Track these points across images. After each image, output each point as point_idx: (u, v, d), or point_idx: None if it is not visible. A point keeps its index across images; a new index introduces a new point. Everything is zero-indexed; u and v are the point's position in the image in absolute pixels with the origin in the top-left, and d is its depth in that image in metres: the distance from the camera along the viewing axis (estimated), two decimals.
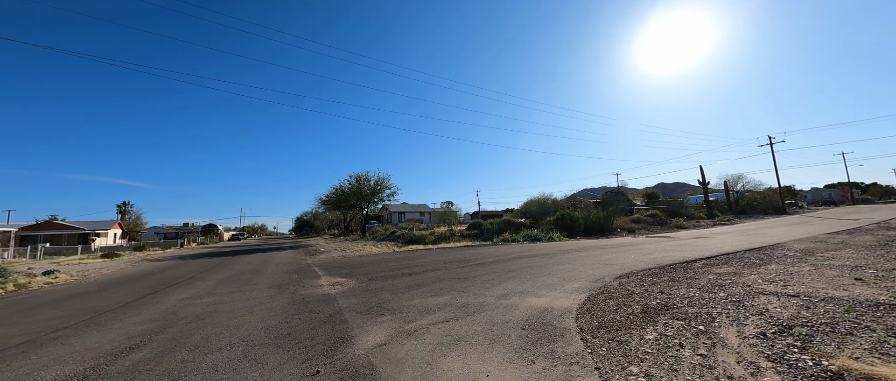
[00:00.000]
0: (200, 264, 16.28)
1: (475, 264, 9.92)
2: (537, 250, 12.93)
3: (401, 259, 12.73)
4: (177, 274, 12.56)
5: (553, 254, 11.32)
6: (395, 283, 7.41)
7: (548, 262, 9.30)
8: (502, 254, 12.35)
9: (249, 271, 11.94)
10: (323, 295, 6.59)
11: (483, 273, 7.91)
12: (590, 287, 5.52)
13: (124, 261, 19.56)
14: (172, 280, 10.86)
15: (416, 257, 13.37)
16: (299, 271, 11.04)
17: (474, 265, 9.54)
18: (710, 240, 13.05)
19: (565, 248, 13.44)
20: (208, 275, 11.67)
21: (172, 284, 10.05)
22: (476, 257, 11.64)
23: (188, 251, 27.88)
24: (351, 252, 18.03)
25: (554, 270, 7.77)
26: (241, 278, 10.42)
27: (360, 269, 10.64)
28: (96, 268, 16.43)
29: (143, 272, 13.95)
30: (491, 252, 13.37)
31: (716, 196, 40.03)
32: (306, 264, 13.54)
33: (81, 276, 13.63)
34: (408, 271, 9.14)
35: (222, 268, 13.71)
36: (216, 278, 10.54)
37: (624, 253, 10.28)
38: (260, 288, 8.07)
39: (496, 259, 10.74)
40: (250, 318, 5.04)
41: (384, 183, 30.37)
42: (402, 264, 11.20)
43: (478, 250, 15.18)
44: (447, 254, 13.75)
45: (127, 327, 5.07)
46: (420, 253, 14.99)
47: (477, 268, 8.91)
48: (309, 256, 17.38)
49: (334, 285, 7.73)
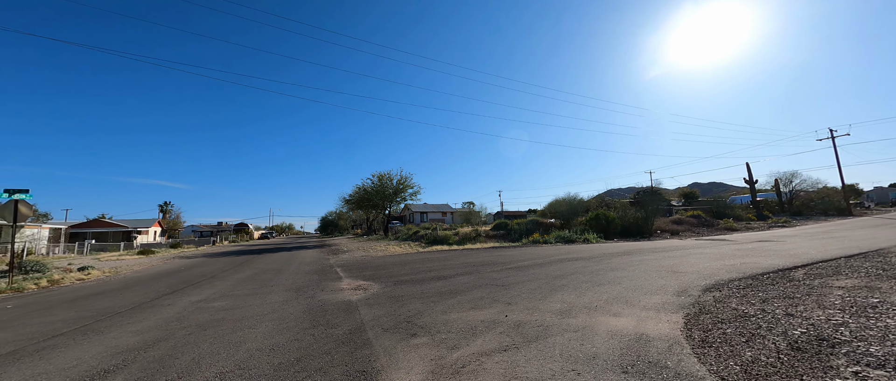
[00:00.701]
0: (226, 262, 16.08)
1: (511, 267, 8.74)
2: (576, 253, 11.55)
3: (426, 261, 11.75)
4: (201, 272, 12.22)
5: (598, 258, 9.94)
6: (425, 289, 6.39)
7: (597, 267, 7.98)
8: (538, 257, 11.07)
9: (271, 271, 11.37)
10: (343, 302, 5.68)
11: (525, 279, 6.74)
12: (678, 304, 4.24)
13: (158, 258, 19.85)
14: (194, 279, 10.44)
15: (443, 258, 12.34)
16: (321, 272, 10.31)
17: (511, 269, 8.37)
18: (781, 244, 11.15)
19: (607, 251, 11.96)
20: (230, 274, 11.20)
21: (193, 283, 9.57)
22: (509, 260, 10.45)
23: (218, 249, 28.38)
24: (374, 252, 17.29)
25: (611, 277, 6.47)
26: (261, 278, 9.81)
27: (383, 271, 9.74)
28: (130, 264, 16.62)
29: (171, 270, 13.79)
30: (524, 254, 12.11)
31: (764, 196, 36.45)
32: (328, 264, 12.86)
33: (113, 272, 13.65)
34: (436, 275, 8.11)
35: (245, 267, 13.30)
36: (237, 278, 9.99)
37: (685, 258, 8.75)
38: (277, 291, 7.32)
39: (533, 262, 9.51)
40: (256, 332, 4.18)
41: (407, 182, 29.68)
42: (428, 266, 10.20)
43: (508, 251, 13.94)
44: (476, 256, 12.63)
45: (121, 338, 4.35)
46: (446, 254, 13.96)
47: (516, 273, 7.73)
48: (332, 255, 16.80)
49: (356, 290, 6.83)
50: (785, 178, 32.99)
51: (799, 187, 32.79)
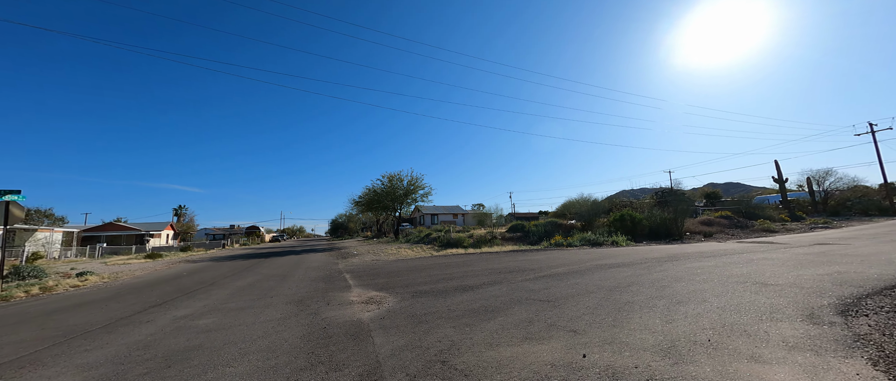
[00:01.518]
0: (231, 266, 15.15)
1: (546, 275, 7.45)
2: (613, 258, 10.18)
3: (444, 266, 10.52)
4: (201, 279, 11.24)
5: (644, 264, 8.56)
6: (451, 305, 5.17)
7: (654, 276, 6.63)
8: (570, 262, 9.74)
9: (275, 278, 10.31)
10: (352, 323, 4.50)
11: (574, 292, 5.46)
12: (831, 336, 2.92)
13: (164, 262, 19.11)
14: (191, 287, 9.43)
15: (462, 263, 11.10)
16: (328, 279, 9.18)
17: (547, 278, 7.08)
18: (847, 246, 9.57)
19: (647, 255, 10.55)
20: (231, 281, 10.18)
21: (188, 291, 8.55)
22: (539, 266, 9.15)
23: (227, 253, 27.69)
24: (385, 256, 16.16)
25: (683, 291, 5.15)
26: (262, 286, 8.74)
27: (398, 278, 8.56)
28: (133, 269, 15.84)
29: (171, 275, 12.88)
30: (553, 259, 10.78)
31: (793, 195, 34.22)
32: (337, 269, 11.75)
33: (112, 278, 12.81)
34: (460, 285, 6.88)
35: (249, 272, 12.29)
36: (236, 286, 8.94)
37: (752, 265, 7.33)
38: (276, 304, 6.20)
39: (569, 269, 8.20)
40: (234, 370, 3.03)
41: (417, 183, 28.53)
42: (447, 273, 8.98)
43: (532, 256, 12.61)
44: (497, 261, 11.35)
45: (60, 377, 3.25)
46: (464, 259, 12.72)
47: (555, 283, 6.45)
48: (341, 259, 15.73)
49: (368, 305, 5.65)
50: (818, 176, 30.77)
51: (833, 186, 30.52)
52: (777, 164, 33.16)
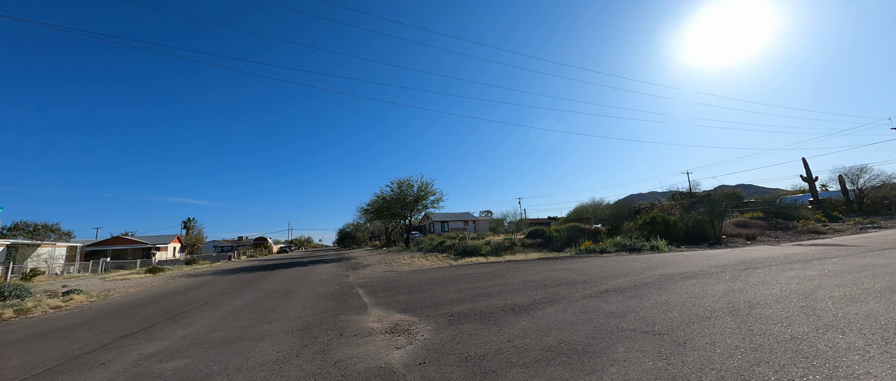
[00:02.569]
0: (233, 281, 13.77)
1: (611, 291, 5.90)
2: (668, 266, 8.58)
3: (471, 278, 9.01)
4: (196, 296, 9.86)
5: (717, 273, 6.98)
6: (510, 336, 3.68)
7: (763, 293, 5.06)
8: (623, 271, 8.17)
9: (278, 294, 8.88)
10: (378, 373, 3.04)
11: (680, 318, 3.93)
12: None
13: (163, 277, 17.82)
14: (181, 307, 8.04)
15: (491, 274, 9.57)
16: (339, 296, 7.72)
17: (614, 294, 5.54)
18: None
19: (707, 262, 8.94)
20: (228, 299, 8.77)
21: (175, 314, 7.16)
22: (588, 277, 7.60)
23: (233, 265, 26.40)
24: (399, 266, 14.66)
25: (847, 316, 3.61)
26: (262, 306, 7.31)
27: (422, 294, 7.06)
28: (128, 286, 14.55)
29: (165, 293, 11.52)
30: (597, 268, 9.21)
31: (824, 194, 32.16)
32: (348, 282, 10.29)
33: (101, 297, 11.48)
34: (505, 304, 5.37)
35: (250, 288, 10.88)
36: (232, 307, 7.52)
37: (875, 278, 5.74)
38: (275, 334, 4.76)
39: (631, 281, 6.64)
40: None
41: (428, 189, 27.09)
42: (479, 286, 7.46)
43: (568, 264, 11.02)
44: (531, 271, 9.80)
45: None
46: (490, 269, 11.17)
47: (633, 301, 4.92)
48: (351, 271, 14.27)
49: (394, 336, 4.18)
50: (851, 173, 28.75)
51: (868, 184, 28.45)
52: (805, 161, 31.24)
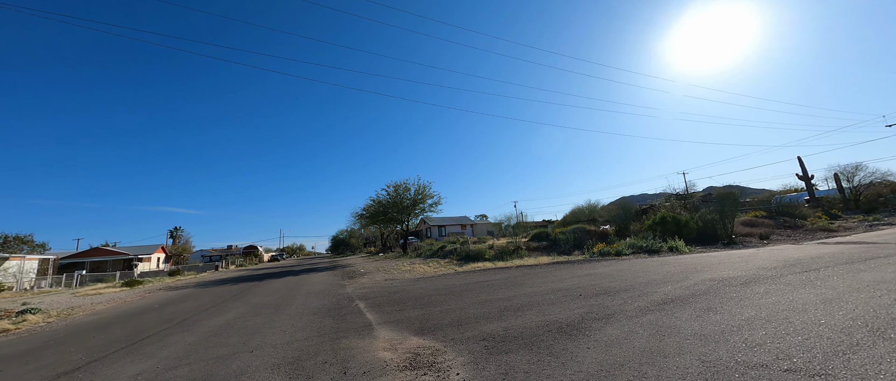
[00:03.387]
0: (216, 294, 12.34)
1: (668, 302, 4.87)
2: (707, 270, 7.64)
3: (487, 287, 7.89)
4: (170, 315, 8.49)
5: (772, 278, 6.03)
6: (592, 378, 2.59)
7: (847, 307, 4.09)
8: (661, 277, 7.16)
9: (266, 310, 7.60)
10: None
11: (820, 347, 2.90)
12: None
13: (140, 290, 16.19)
14: (149, 329, 6.72)
15: (509, 282, 8.46)
16: (336, 312, 6.51)
17: (677, 306, 4.50)
18: None
19: (744, 266, 8.02)
20: (206, 317, 7.46)
21: (138, 340, 5.86)
22: (624, 285, 6.56)
23: (220, 275, 24.69)
24: (399, 274, 13.45)
25: None
26: (244, 326, 6.06)
27: (436, 308, 5.91)
28: (98, 302, 12.97)
29: (135, 310, 10.08)
30: (627, 273, 8.20)
31: (821, 193, 32.08)
32: (345, 294, 9.04)
33: (62, 316, 9.97)
34: (548, 321, 4.28)
35: (234, 302, 9.54)
36: (207, 328, 6.24)
37: None
38: (256, 370, 3.56)
39: (685, 289, 5.63)
40: None
41: (425, 192, 25.91)
42: (501, 296, 6.35)
43: (591, 269, 9.99)
44: (553, 277, 8.73)
45: None
46: (504, 275, 10.07)
47: (717, 317, 3.89)
48: (347, 280, 12.99)
49: (417, 372, 3.03)
50: (846, 171, 28.66)
51: (864, 182, 28.35)
52: (801, 160, 31.17)
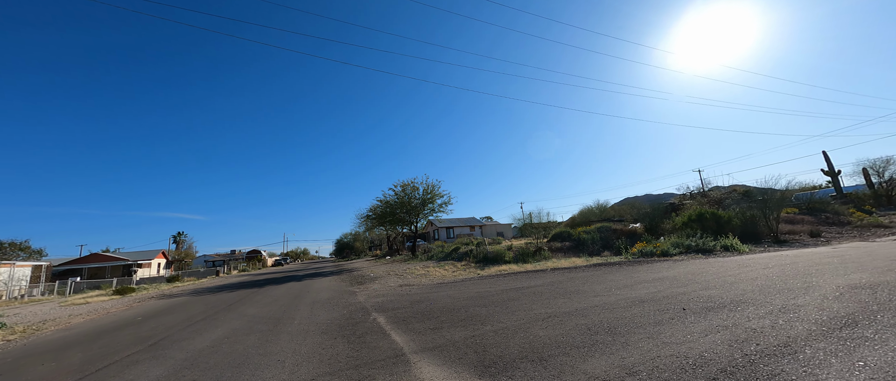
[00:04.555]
0: (210, 303, 10.86)
1: (844, 324, 3.35)
2: (817, 275, 6.10)
3: (531, 295, 6.36)
4: (149, 331, 7.00)
5: None
6: None
7: None
8: (761, 285, 5.64)
9: (262, 325, 6.10)
10: None
11: None
12: None
13: (129, 300, 14.71)
14: (114, 353, 5.24)
15: (554, 289, 6.93)
16: (350, 332, 4.99)
17: (867, 328, 2.99)
18: None
19: (846, 267, 6.48)
20: (193, 334, 5.98)
21: (92, 370, 4.38)
22: (720, 293, 5.04)
23: (220, 281, 23.21)
24: (414, 278, 11.93)
25: None
26: (231, 352, 4.56)
27: (487, 327, 4.40)
28: (79, 313, 11.51)
29: (115, 324, 8.59)
30: (698, 276, 6.66)
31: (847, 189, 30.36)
32: (358, 304, 7.53)
33: (29, 332, 8.51)
34: (693, 359, 2.78)
35: (227, 315, 8.05)
36: (186, 355, 4.75)
37: None
38: None
39: (842, 310, 4.11)
40: None
41: (435, 191, 24.41)
42: (565, 309, 4.83)
43: (647, 272, 8.44)
44: (608, 281, 7.19)
45: None
46: (546, 280, 8.53)
47: None
48: (357, 286, 11.48)
49: None
50: (877, 166, 27.00)
51: None
52: (826, 155, 29.51)
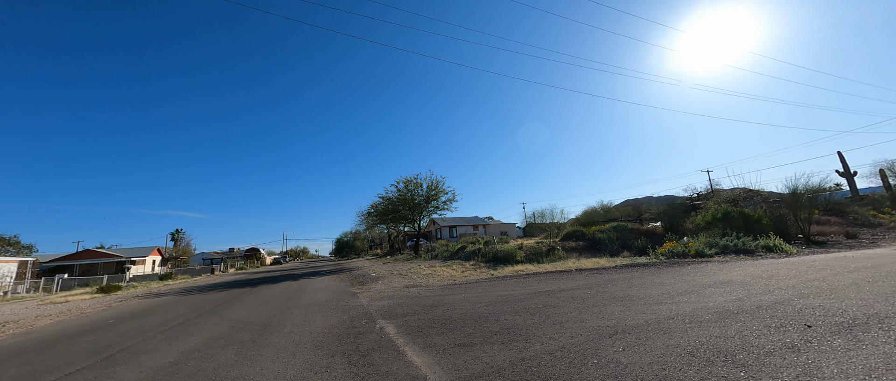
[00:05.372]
0: (194, 304, 9.70)
1: None
2: None
3: (570, 300, 5.23)
4: (110, 339, 5.86)
5: None
6: None
7: None
8: (872, 289, 4.51)
9: (248, 332, 4.94)
10: None
11: None
12: None
13: (110, 299, 13.53)
14: (65, 364, 4.08)
15: (593, 293, 5.79)
16: (350, 344, 3.84)
17: None
18: None
19: None
20: (156, 346, 4.82)
21: None
22: (823, 303, 3.92)
23: (212, 280, 22.02)
24: (421, 278, 10.79)
25: None
26: (199, 372, 3.41)
27: (537, 345, 3.26)
28: (48, 314, 10.36)
29: (78, 329, 7.43)
30: (757, 280, 5.54)
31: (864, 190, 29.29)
32: (360, 308, 6.37)
33: None
34: None
35: (209, 319, 6.89)
36: (142, 375, 3.59)
37: None
38: None
39: None
40: None
41: (439, 187, 23.31)
42: (631, 322, 3.70)
43: (694, 274, 7.30)
44: (652, 285, 6.06)
45: None
46: (577, 283, 7.39)
47: None
48: (358, 286, 10.33)
49: None
50: (894, 167, 25.94)
51: None
52: (841, 155, 28.45)
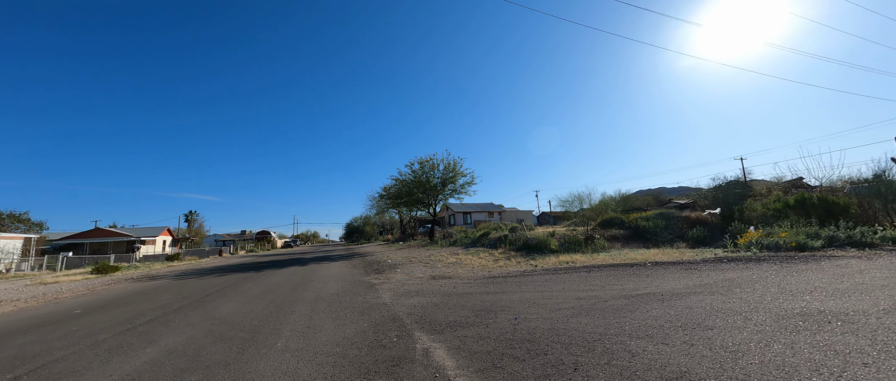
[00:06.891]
0: (187, 290, 8.24)
1: None
2: None
3: (716, 315, 3.42)
4: (51, 341, 4.31)
5: None
6: None
7: None
8: None
9: (234, 339, 3.30)
10: None
11: None
12: None
13: (102, 281, 12.28)
14: (29, 358, 2.49)
15: (736, 301, 3.97)
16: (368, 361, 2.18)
17: None
18: None
19: None
20: (108, 356, 3.22)
21: None
22: None
23: (219, 262, 20.92)
24: (447, 268, 9.13)
25: None
26: None
27: None
28: (32, 296, 9.07)
29: (46, 318, 5.98)
30: None
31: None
32: (382, 306, 4.69)
33: None
34: None
35: (195, 310, 5.33)
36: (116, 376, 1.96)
37: None
38: None
39: None
40: None
41: (457, 169, 21.50)
42: None
43: (851, 274, 5.43)
44: (822, 284, 4.20)
45: None
46: (687, 284, 5.61)
47: None
48: (375, 275, 8.73)
49: None
50: None
51: None
52: None
